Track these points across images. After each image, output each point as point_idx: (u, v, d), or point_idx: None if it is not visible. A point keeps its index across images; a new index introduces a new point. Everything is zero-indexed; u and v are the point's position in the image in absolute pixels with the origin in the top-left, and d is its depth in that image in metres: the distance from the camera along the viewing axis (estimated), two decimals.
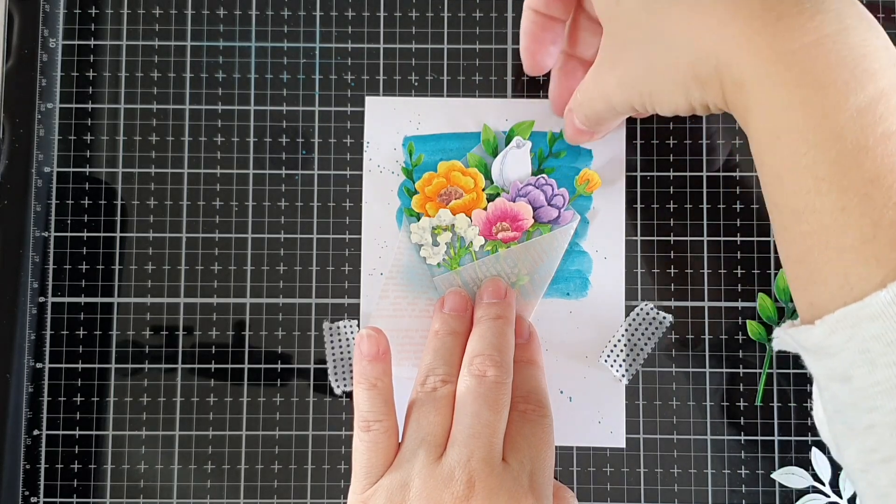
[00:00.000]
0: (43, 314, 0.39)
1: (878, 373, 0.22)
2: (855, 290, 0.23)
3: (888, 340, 0.22)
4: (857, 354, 0.23)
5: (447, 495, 0.31)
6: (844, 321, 0.23)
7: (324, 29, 0.41)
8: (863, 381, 0.23)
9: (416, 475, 0.32)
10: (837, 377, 0.24)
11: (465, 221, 0.39)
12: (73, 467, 0.39)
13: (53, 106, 0.40)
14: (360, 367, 0.34)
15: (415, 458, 0.32)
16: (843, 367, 0.23)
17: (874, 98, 0.23)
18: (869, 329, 0.22)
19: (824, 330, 0.23)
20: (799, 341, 0.25)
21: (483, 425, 0.32)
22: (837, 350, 0.23)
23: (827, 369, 0.24)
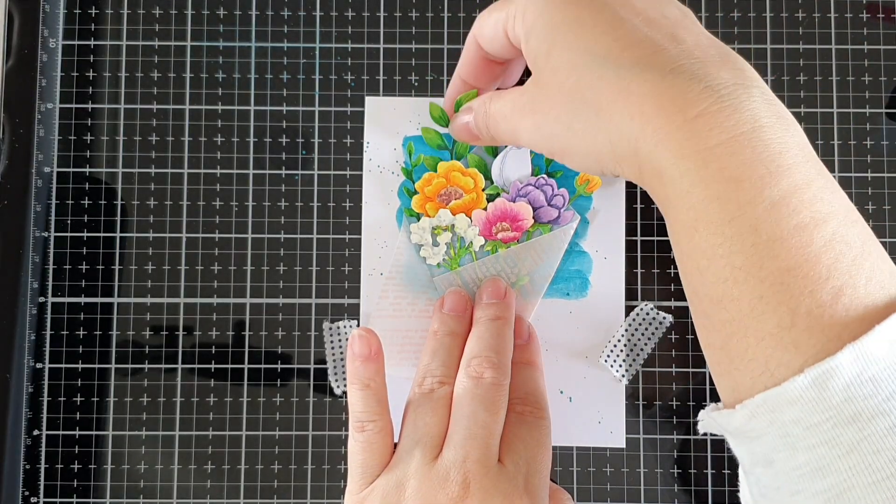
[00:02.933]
0: (43, 314, 0.39)
1: (800, 456, 0.23)
2: (775, 376, 0.23)
3: (807, 424, 0.22)
4: (778, 439, 0.23)
5: (442, 496, 0.31)
6: (764, 405, 0.23)
7: (324, 29, 0.41)
8: (785, 465, 0.23)
9: (412, 475, 0.32)
10: (760, 461, 0.24)
11: (465, 221, 0.39)
12: (73, 467, 0.39)
13: (53, 106, 0.40)
14: (352, 367, 0.34)
15: (411, 458, 0.32)
16: (765, 451, 0.24)
17: (788, 192, 0.24)
18: (788, 413, 0.23)
19: (745, 414, 0.24)
20: (721, 424, 0.26)
21: (479, 427, 0.32)
22: (759, 434, 0.24)
23: (750, 453, 0.25)
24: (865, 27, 0.40)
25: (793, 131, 0.25)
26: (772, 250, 0.23)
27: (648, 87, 0.26)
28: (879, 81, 0.40)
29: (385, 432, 0.34)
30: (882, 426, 0.21)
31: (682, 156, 0.25)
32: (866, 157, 0.40)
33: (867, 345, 0.22)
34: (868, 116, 0.40)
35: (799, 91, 0.40)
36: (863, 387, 0.22)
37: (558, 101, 0.29)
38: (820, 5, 0.40)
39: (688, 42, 0.27)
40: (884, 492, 0.21)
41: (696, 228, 0.25)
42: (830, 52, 0.40)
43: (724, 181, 0.24)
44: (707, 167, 0.24)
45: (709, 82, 0.25)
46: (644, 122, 0.26)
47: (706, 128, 0.25)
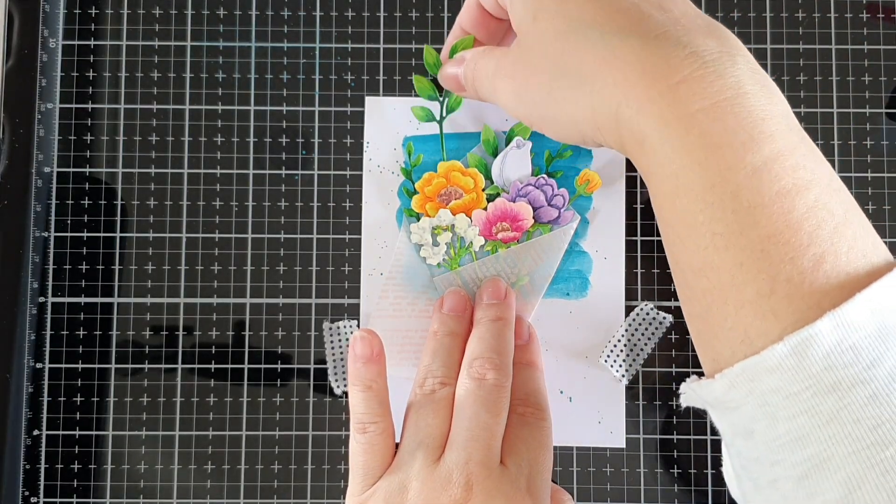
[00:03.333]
0: (43, 314, 0.39)
1: (779, 426, 0.22)
2: (754, 345, 0.23)
3: (787, 393, 0.22)
4: (758, 408, 0.23)
5: (445, 498, 0.31)
6: (743, 375, 0.23)
7: (324, 29, 0.41)
8: (765, 435, 0.23)
9: (414, 477, 0.32)
10: (741, 432, 0.24)
11: (465, 222, 0.39)
12: (73, 467, 0.39)
13: (53, 106, 0.40)
14: (354, 369, 0.34)
15: (413, 460, 0.32)
16: (745, 422, 0.24)
17: (770, 158, 0.23)
18: (767, 382, 0.22)
19: (724, 384, 0.24)
20: (702, 396, 0.25)
21: (482, 428, 0.32)
22: (738, 404, 0.24)
23: (731, 424, 0.25)
24: (865, 27, 0.40)
25: (776, 100, 0.25)
26: (752, 217, 0.23)
27: (633, 54, 0.25)
28: (879, 81, 0.40)
29: (387, 434, 0.34)
30: (862, 395, 0.21)
31: (665, 122, 0.25)
32: (866, 157, 0.40)
33: (847, 313, 0.21)
34: (868, 116, 0.40)
35: (799, 91, 0.40)
36: (843, 355, 0.21)
37: (541, 67, 0.28)
38: (820, 5, 0.40)
39: (674, 11, 0.27)
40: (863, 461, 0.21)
41: (676, 195, 0.25)
42: (830, 52, 0.40)
43: (705, 147, 0.24)
44: (689, 133, 0.24)
45: (693, 48, 0.25)
46: (627, 89, 0.25)
47: (689, 93, 0.24)
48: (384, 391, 0.35)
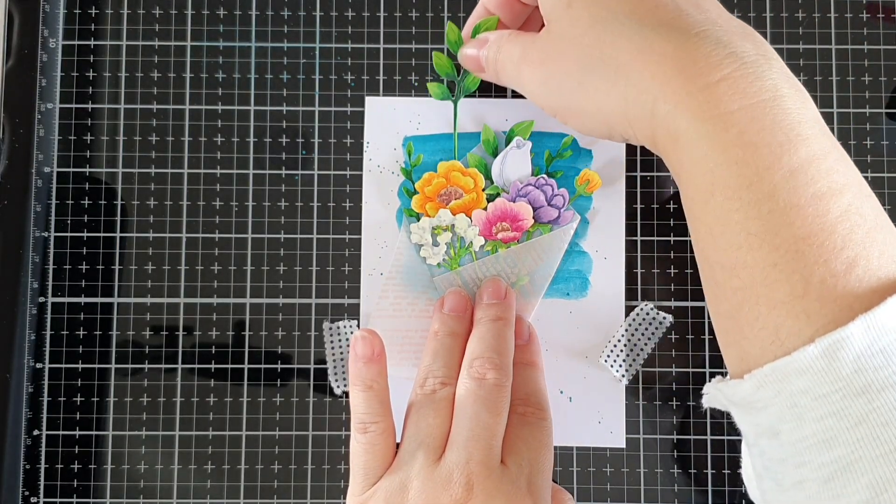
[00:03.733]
0: (43, 314, 0.39)
1: (806, 427, 0.22)
2: (785, 345, 0.23)
3: (816, 395, 0.22)
4: (786, 409, 0.23)
5: (446, 497, 0.31)
6: (773, 375, 0.23)
7: (324, 29, 0.41)
8: (791, 436, 0.23)
9: (414, 477, 0.32)
10: (766, 432, 0.24)
11: (465, 222, 0.39)
12: (73, 467, 0.39)
13: (53, 106, 0.40)
14: (355, 369, 0.34)
15: (413, 460, 0.32)
16: (771, 422, 0.24)
17: (806, 160, 0.24)
18: (797, 383, 0.22)
19: (753, 384, 0.24)
20: (728, 396, 0.26)
21: (482, 428, 0.32)
22: (766, 404, 0.24)
23: (755, 425, 0.25)
24: (865, 27, 0.40)
25: (809, 105, 0.25)
26: (788, 217, 0.23)
27: (672, 48, 0.25)
28: (879, 81, 0.40)
29: (387, 434, 0.34)
30: (892, 398, 0.21)
31: (702, 118, 0.25)
32: (866, 157, 0.40)
33: (879, 316, 0.22)
34: (868, 116, 0.40)
35: None
36: (873, 358, 0.22)
37: (572, 55, 0.28)
38: (820, 5, 0.40)
39: (711, 12, 0.27)
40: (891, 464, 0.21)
41: (711, 193, 0.25)
42: (830, 52, 0.40)
43: (743, 146, 0.24)
44: (727, 131, 0.24)
45: (733, 48, 0.25)
46: (664, 83, 0.25)
47: (729, 91, 0.24)
48: (385, 391, 0.35)
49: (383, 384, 0.35)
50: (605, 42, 0.27)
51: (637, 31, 0.26)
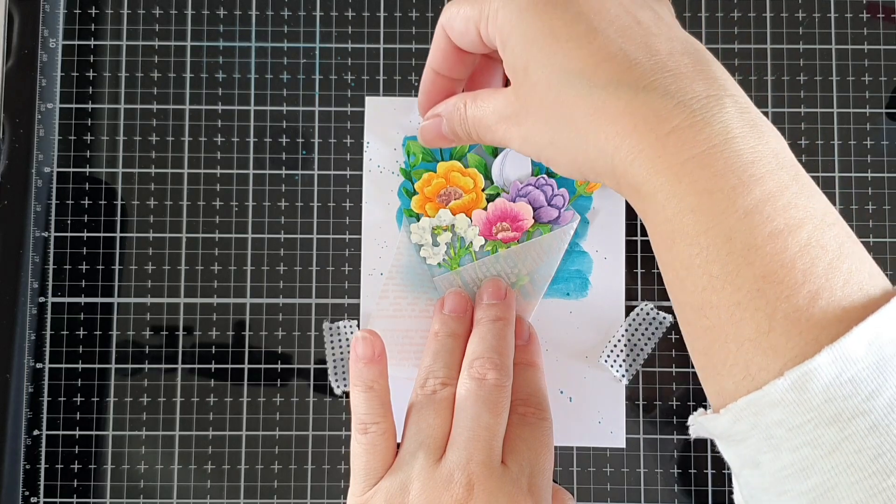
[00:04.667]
0: (43, 314, 0.39)
1: (784, 457, 0.23)
2: (756, 380, 0.24)
3: (790, 426, 0.23)
4: (763, 441, 0.24)
5: (446, 497, 0.31)
6: (747, 409, 0.24)
7: (324, 29, 0.41)
8: (771, 466, 0.24)
9: (415, 477, 0.32)
10: (748, 463, 0.25)
11: (465, 222, 0.39)
12: (73, 467, 0.39)
13: (53, 106, 0.40)
14: (356, 369, 0.34)
15: (414, 460, 0.32)
16: (751, 454, 0.24)
17: (761, 200, 0.24)
18: (771, 416, 0.23)
19: (730, 418, 0.24)
20: (708, 429, 0.26)
21: (483, 428, 0.32)
22: (744, 437, 0.24)
23: (738, 456, 0.25)
24: (865, 27, 0.40)
25: (767, 138, 0.25)
26: (747, 258, 0.24)
27: (623, 106, 0.26)
28: (879, 81, 0.40)
29: (388, 434, 0.34)
30: (862, 425, 0.22)
31: (656, 171, 0.25)
32: (866, 157, 0.40)
33: (845, 346, 0.22)
34: (868, 116, 0.40)
35: (799, 91, 0.40)
36: (842, 387, 0.22)
37: (540, 117, 0.29)
38: (820, 5, 0.40)
39: (661, 53, 0.27)
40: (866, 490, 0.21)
41: (673, 240, 0.25)
42: (830, 52, 0.40)
43: (696, 193, 0.25)
44: (680, 182, 0.25)
45: (681, 97, 0.25)
46: (619, 141, 0.26)
47: (679, 143, 0.25)
48: (385, 392, 0.35)
49: (384, 385, 0.35)
50: (562, 104, 0.28)
51: (588, 90, 0.27)
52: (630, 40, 0.27)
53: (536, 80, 0.28)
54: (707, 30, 0.40)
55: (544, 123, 0.29)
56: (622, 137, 0.26)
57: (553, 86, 0.28)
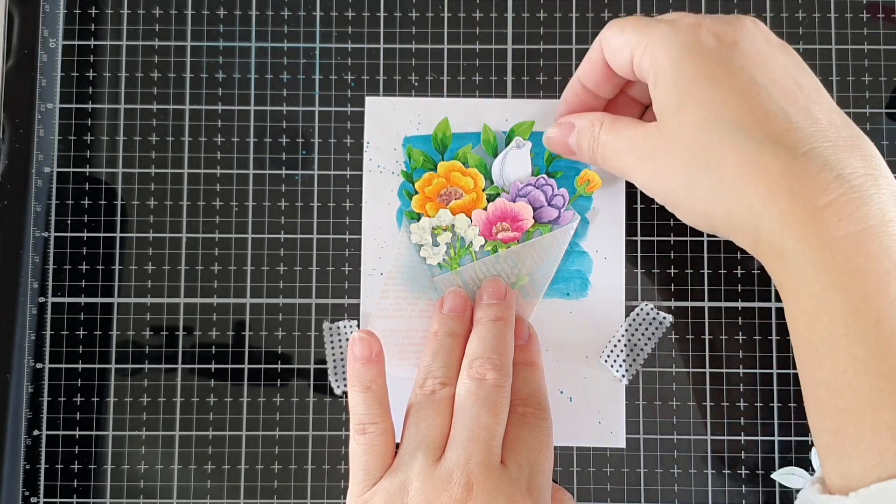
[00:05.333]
0: (43, 314, 0.39)
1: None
2: (889, 468, 0.23)
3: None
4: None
5: (445, 497, 0.31)
6: (879, 496, 0.23)
7: (324, 29, 0.41)
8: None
9: (414, 477, 0.32)
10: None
11: (465, 222, 0.39)
12: (73, 467, 0.39)
13: (53, 106, 0.40)
14: (353, 370, 0.34)
15: (413, 460, 0.32)
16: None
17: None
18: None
19: (857, 502, 0.24)
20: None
21: (482, 428, 0.32)
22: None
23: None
24: (865, 27, 0.40)
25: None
26: (894, 345, 0.24)
27: (779, 166, 0.26)
28: (879, 81, 0.40)
29: (387, 434, 0.34)
30: None
31: (809, 243, 0.25)
32: None
33: None
34: (868, 116, 0.40)
35: None
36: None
37: (682, 159, 0.29)
38: (820, 5, 0.40)
39: (822, 121, 0.27)
40: None
41: (818, 315, 0.25)
42: (830, 53, 0.40)
43: (849, 272, 0.24)
44: (834, 257, 0.25)
45: (841, 170, 0.25)
46: (770, 201, 0.26)
47: (836, 218, 0.25)
48: (384, 392, 0.35)
49: (382, 385, 0.35)
50: (712, 149, 0.27)
51: (744, 142, 0.26)
52: (792, 102, 0.27)
53: (689, 121, 0.28)
54: None
55: (684, 166, 0.28)
56: (775, 198, 0.25)
57: (705, 130, 0.27)
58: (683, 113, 0.28)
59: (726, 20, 0.29)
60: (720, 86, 0.27)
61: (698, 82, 0.28)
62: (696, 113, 0.28)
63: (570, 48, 0.40)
